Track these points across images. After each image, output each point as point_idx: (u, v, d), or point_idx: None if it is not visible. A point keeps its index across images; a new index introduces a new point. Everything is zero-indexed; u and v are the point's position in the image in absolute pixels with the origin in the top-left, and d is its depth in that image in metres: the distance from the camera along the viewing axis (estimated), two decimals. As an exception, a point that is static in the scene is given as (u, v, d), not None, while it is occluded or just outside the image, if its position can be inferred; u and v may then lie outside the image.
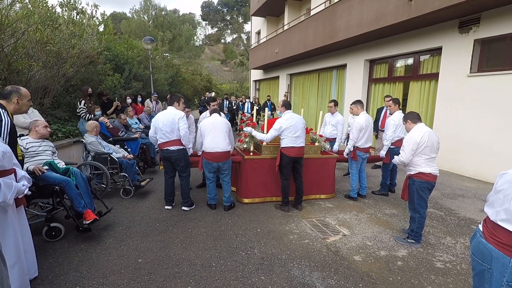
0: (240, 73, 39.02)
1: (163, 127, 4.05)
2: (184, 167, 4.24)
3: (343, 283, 2.73)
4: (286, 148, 4.22)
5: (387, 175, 5.17)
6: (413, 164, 3.31)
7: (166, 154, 4.16)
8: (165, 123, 4.04)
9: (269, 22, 18.14)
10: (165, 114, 4.12)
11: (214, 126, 4.21)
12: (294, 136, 4.19)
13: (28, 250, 2.49)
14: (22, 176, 2.36)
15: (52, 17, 5.62)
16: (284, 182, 4.36)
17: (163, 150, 4.15)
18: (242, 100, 13.81)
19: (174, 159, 4.16)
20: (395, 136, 4.86)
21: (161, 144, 4.14)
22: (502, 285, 1.52)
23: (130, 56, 10.79)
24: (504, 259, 1.51)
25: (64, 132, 5.96)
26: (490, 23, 5.94)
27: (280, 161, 4.28)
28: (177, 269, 2.87)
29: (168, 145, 4.09)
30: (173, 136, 4.07)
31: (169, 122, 4.03)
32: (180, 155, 4.15)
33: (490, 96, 5.99)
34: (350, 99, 10.22)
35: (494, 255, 1.55)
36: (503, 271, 1.51)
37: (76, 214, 3.37)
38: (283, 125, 4.20)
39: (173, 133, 4.06)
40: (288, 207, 4.39)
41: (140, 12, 29.27)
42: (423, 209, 3.36)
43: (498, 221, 1.55)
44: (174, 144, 4.10)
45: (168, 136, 4.07)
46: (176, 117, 4.06)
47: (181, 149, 4.15)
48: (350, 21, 8.60)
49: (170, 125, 4.04)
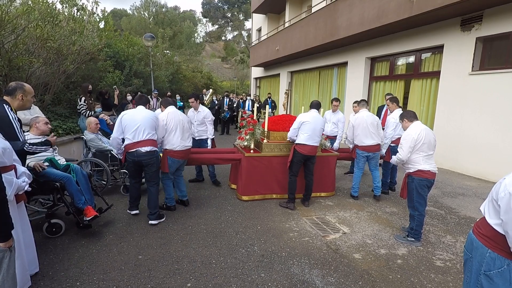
0: (241, 70, 38.96)
1: (141, 124, 3.55)
2: (156, 173, 3.78)
3: (343, 280, 2.74)
4: (300, 145, 4.23)
5: (388, 173, 5.16)
6: (412, 161, 3.32)
7: (135, 158, 3.58)
8: (144, 119, 3.58)
9: (270, 19, 18.07)
10: (141, 111, 3.68)
11: (180, 121, 3.97)
12: (310, 134, 4.19)
13: (28, 246, 2.49)
14: (22, 172, 2.35)
15: (53, 13, 5.61)
16: (292, 178, 4.36)
17: (131, 152, 3.58)
18: (242, 97, 13.79)
19: (145, 163, 3.62)
20: (395, 134, 4.84)
21: (131, 145, 3.56)
22: (480, 274, 1.59)
23: (130, 53, 10.79)
24: (482, 249, 1.59)
25: (65, 129, 5.97)
26: (492, 21, 5.91)
27: (292, 157, 4.29)
28: (177, 266, 2.88)
29: (140, 145, 3.55)
30: (149, 135, 3.61)
31: (149, 119, 3.62)
32: (152, 158, 3.65)
33: (491, 94, 5.97)
34: (351, 97, 10.23)
35: (475, 244, 1.64)
36: (481, 261, 1.59)
37: (77, 211, 3.37)
38: (303, 119, 4.22)
39: (151, 132, 3.63)
40: (293, 204, 4.38)
41: (141, 9, 29.21)
42: (422, 207, 3.36)
43: (481, 211, 1.66)
44: (147, 145, 3.59)
45: (143, 134, 3.56)
46: (156, 116, 3.75)
47: (153, 151, 3.66)
48: (351, 19, 8.56)
49: (151, 122, 3.64)
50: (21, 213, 2.43)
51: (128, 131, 3.57)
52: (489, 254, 1.55)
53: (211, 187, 5.32)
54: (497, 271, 1.51)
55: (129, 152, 3.60)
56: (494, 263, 1.52)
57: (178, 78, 16.65)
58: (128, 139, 3.58)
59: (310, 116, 4.26)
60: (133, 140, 3.56)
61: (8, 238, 1.74)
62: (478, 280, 1.60)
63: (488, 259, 1.55)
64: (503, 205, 1.46)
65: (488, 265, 1.54)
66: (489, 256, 1.55)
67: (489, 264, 1.54)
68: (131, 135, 3.56)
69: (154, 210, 3.75)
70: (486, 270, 1.55)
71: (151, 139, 3.64)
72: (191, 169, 5.86)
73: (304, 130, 4.21)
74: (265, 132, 4.79)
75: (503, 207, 1.46)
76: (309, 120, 4.21)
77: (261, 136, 4.83)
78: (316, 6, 11.19)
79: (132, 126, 3.56)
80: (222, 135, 11.81)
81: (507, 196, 1.44)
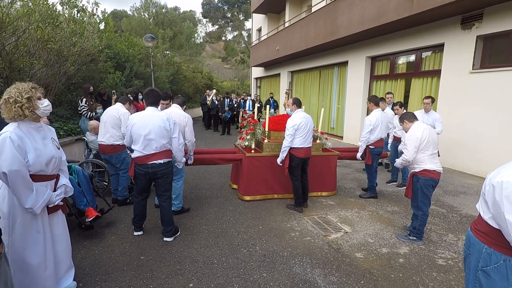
0: (241, 70, 38.94)
1: (149, 134, 3.10)
2: (170, 185, 3.42)
3: (345, 280, 2.74)
4: (296, 149, 4.08)
5: (373, 177, 4.81)
6: (418, 161, 3.29)
7: (150, 169, 3.17)
8: (153, 128, 3.11)
9: (270, 19, 18.07)
10: (147, 116, 3.16)
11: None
12: (304, 137, 4.07)
13: (62, 261, 2.35)
14: (62, 184, 2.29)
15: (53, 15, 5.62)
16: (295, 183, 4.24)
17: (144, 165, 3.16)
18: (243, 97, 13.79)
19: (161, 174, 3.23)
20: (375, 137, 4.64)
21: (144, 158, 3.15)
22: (478, 270, 1.60)
23: (131, 54, 10.79)
24: (479, 245, 1.59)
25: (66, 130, 5.98)
26: (493, 19, 5.90)
27: (290, 162, 4.17)
28: (179, 266, 2.88)
29: (156, 158, 3.17)
30: (164, 146, 3.20)
31: (158, 127, 3.12)
32: (168, 168, 3.28)
33: (492, 93, 5.96)
34: (351, 96, 10.23)
35: (472, 241, 1.65)
36: (478, 257, 1.59)
37: (78, 212, 3.38)
38: (296, 125, 4.00)
39: (164, 142, 3.19)
40: (301, 207, 4.30)
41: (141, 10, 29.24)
42: (426, 206, 3.34)
43: (477, 208, 1.67)
44: (163, 157, 3.21)
45: (156, 146, 3.14)
46: (169, 121, 3.21)
47: (169, 162, 3.30)
48: (351, 18, 8.56)
49: (160, 131, 3.13)
50: (56, 224, 2.29)
51: (138, 142, 3.16)
52: (485, 250, 1.55)
53: (212, 187, 5.32)
54: (494, 266, 1.52)
55: (141, 165, 3.20)
56: (491, 258, 1.53)
57: (178, 79, 16.64)
58: (142, 151, 3.16)
59: (301, 117, 4.06)
60: (145, 153, 3.15)
61: None
62: (476, 276, 1.61)
63: (485, 254, 1.56)
64: (489, 198, 1.49)
65: (485, 260, 1.55)
66: (485, 251, 1.56)
67: (486, 260, 1.55)
68: (139, 146, 3.16)
69: (169, 227, 3.37)
70: (483, 266, 1.56)
71: (166, 150, 3.26)
72: (190, 170, 5.85)
73: (297, 134, 4.03)
74: (266, 132, 4.79)
75: (489, 200, 1.50)
76: (302, 121, 4.03)
77: (262, 136, 4.83)
78: (316, 5, 11.18)
79: (141, 137, 3.13)
80: (223, 135, 11.81)
81: (491, 188, 1.47)
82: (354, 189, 5.36)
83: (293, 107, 4.23)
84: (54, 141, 2.25)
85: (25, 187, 1.96)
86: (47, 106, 2.16)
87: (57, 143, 2.28)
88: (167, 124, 3.19)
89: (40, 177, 2.09)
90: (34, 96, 2.07)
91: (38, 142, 2.07)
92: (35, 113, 2.09)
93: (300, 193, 4.27)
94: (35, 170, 2.03)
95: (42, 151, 2.06)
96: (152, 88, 3.46)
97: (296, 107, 4.22)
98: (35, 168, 2.02)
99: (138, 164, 3.21)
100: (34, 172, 2.03)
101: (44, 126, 2.25)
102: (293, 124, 4.00)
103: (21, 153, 1.95)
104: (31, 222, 2.09)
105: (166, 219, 3.36)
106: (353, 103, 10.15)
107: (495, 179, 1.45)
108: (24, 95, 2.01)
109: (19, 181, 1.92)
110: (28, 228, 2.08)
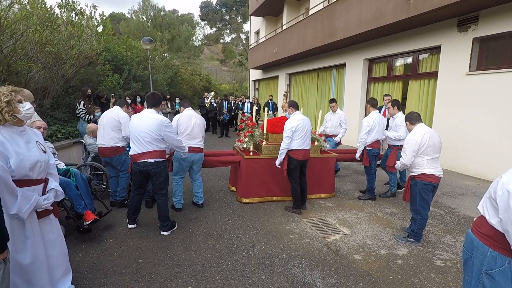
0: (239, 73, 39.02)
1: (141, 133, 3.31)
2: (164, 183, 3.54)
3: (344, 282, 2.74)
4: (294, 151, 4.08)
5: (372, 178, 4.84)
6: (416, 165, 3.26)
7: (142, 168, 3.40)
8: (145, 128, 3.30)
9: (268, 21, 18.14)
10: (143, 116, 3.40)
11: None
12: (302, 139, 4.07)
13: (57, 266, 2.31)
14: (52, 188, 2.23)
15: (51, 18, 5.63)
16: (294, 186, 4.24)
17: (137, 163, 3.40)
18: (241, 100, 13.81)
19: (152, 173, 3.42)
20: (372, 138, 4.65)
21: (137, 156, 3.38)
22: (482, 273, 1.58)
23: (129, 57, 10.81)
24: (483, 248, 1.58)
25: (64, 133, 5.97)
26: (488, 22, 5.95)
27: (288, 165, 4.17)
28: (177, 269, 2.88)
29: (147, 156, 3.35)
30: (153, 146, 3.35)
31: (150, 128, 3.29)
32: (160, 167, 3.43)
33: (489, 94, 6.00)
34: (349, 98, 10.26)
35: (475, 244, 1.63)
36: (482, 260, 1.58)
37: (77, 215, 3.37)
38: (294, 127, 4.01)
39: (156, 143, 3.36)
40: (300, 210, 4.30)
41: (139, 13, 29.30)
42: (425, 210, 3.31)
43: (480, 210, 1.65)
44: (154, 156, 3.37)
45: (146, 146, 3.33)
46: (163, 123, 3.34)
47: (161, 162, 3.45)
48: (349, 20, 8.61)
49: (152, 132, 3.30)
50: (47, 230, 2.24)
51: (135, 142, 3.38)
52: (490, 253, 1.54)
53: (211, 189, 5.32)
54: (499, 269, 1.51)
55: (135, 163, 3.43)
56: (495, 261, 1.52)
57: (177, 81, 16.68)
58: (135, 149, 3.40)
59: (298, 119, 4.09)
60: (138, 151, 3.37)
61: (3, 250, 1.62)
62: (479, 279, 1.59)
63: (489, 258, 1.54)
64: (502, 203, 1.45)
65: (490, 264, 1.54)
66: (490, 255, 1.54)
67: (491, 263, 1.54)
68: (135, 146, 3.39)
69: (166, 222, 3.60)
70: (488, 269, 1.55)
71: (157, 150, 3.39)
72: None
73: (295, 136, 4.05)
74: (264, 134, 4.80)
75: (501, 205, 1.46)
76: (300, 123, 4.05)
77: (260, 138, 4.84)
78: (314, 8, 11.25)
79: (135, 137, 3.37)
80: (221, 138, 11.81)
81: (505, 194, 1.43)
82: (352, 191, 5.36)
83: (291, 109, 4.27)
84: (39, 144, 2.17)
85: (9, 193, 1.88)
86: (29, 109, 2.07)
87: (43, 147, 2.20)
88: (161, 126, 3.34)
89: (26, 182, 2.02)
90: (14, 100, 1.99)
91: (21, 147, 2.00)
92: (16, 117, 2.01)
93: (298, 195, 4.27)
94: (19, 175, 1.96)
95: (25, 155, 1.99)
96: (154, 92, 3.67)
97: (294, 109, 4.25)
98: (18, 173, 1.95)
99: (133, 162, 3.48)
100: (19, 177, 1.96)
101: (29, 130, 2.18)
102: (291, 126, 4.03)
103: (2, 158, 1.87)
104: (19, 227, 2.03)
105: (162, 215, 3.60)
106: (351, 105, 10.18)
107: (511, 185, 1.42)
108: (3, 99, 1.94)
109: (2, 188, 1.84)
110: (15, 234, 2.00)
